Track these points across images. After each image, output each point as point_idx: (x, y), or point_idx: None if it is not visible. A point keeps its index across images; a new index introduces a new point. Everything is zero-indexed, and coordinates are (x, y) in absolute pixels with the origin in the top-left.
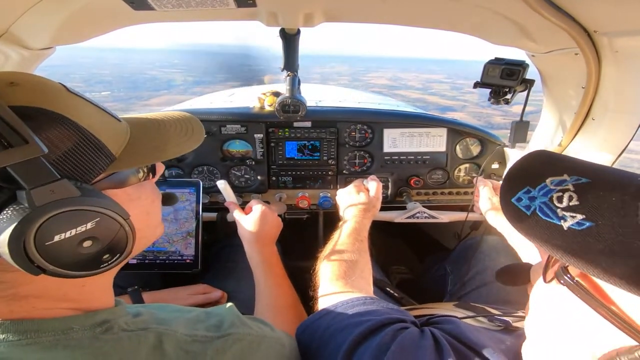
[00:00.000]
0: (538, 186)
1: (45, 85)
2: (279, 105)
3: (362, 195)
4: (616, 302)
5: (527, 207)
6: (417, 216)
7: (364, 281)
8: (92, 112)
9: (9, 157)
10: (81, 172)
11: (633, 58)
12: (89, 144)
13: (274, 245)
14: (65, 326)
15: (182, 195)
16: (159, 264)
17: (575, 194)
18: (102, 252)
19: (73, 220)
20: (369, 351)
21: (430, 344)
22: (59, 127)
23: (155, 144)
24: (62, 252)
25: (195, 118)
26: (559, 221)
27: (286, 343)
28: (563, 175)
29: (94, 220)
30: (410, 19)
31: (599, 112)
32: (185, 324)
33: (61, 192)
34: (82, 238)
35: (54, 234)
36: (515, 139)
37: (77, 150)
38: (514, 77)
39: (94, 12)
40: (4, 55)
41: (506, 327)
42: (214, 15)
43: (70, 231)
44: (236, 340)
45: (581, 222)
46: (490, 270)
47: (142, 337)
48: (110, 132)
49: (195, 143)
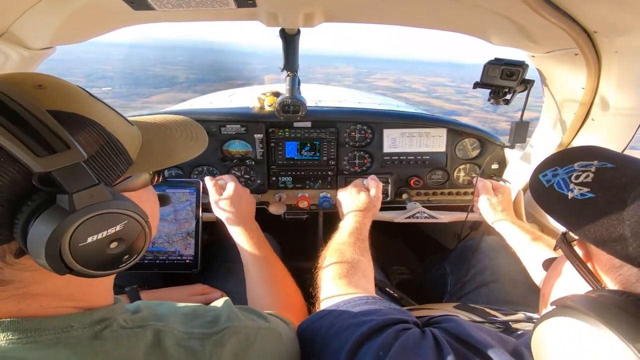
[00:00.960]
0: (565, 167)
1: (71, 89)
2: (279, 106)
3: (363, 195)
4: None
5: (548, 181)
6: (417, 216)
7: (366, 280)
8: (113, 116)
9: (53, 163)
10: (105, 175)
11: (633, 58)
12: (113, 147)
13: (254, 221)
14: (64, 324)
15: (182, 195)
16: (158, 264)
17: (593, 174)
18: (125, 252)
19: (106, 223)
20: (371, 351)
21: (431, 344)
22: (89, 131)
23: (165, 148)
24: (91, 253)
25: (197, 123)
26: (567, 192)
27: (282, 332)
28: (593, 160)
29: (122, 223)
30: (410, 19)
31: (599, 112)
32: (183, 320)
33: (98, 196)
34: (111, 239)
35: (87, 235)
36: (515, 140)
37: (103, 153)
38: (514, 77)
39: (94, 12)
40: (4, 55)
41: (506, 328)
42: (214, 15)
43: (102, 233)
44: (232, 334)
45: (584, 194)
46: (490, 270)
47: (141, 334)
48: (128, 137)
49: (201, 148)
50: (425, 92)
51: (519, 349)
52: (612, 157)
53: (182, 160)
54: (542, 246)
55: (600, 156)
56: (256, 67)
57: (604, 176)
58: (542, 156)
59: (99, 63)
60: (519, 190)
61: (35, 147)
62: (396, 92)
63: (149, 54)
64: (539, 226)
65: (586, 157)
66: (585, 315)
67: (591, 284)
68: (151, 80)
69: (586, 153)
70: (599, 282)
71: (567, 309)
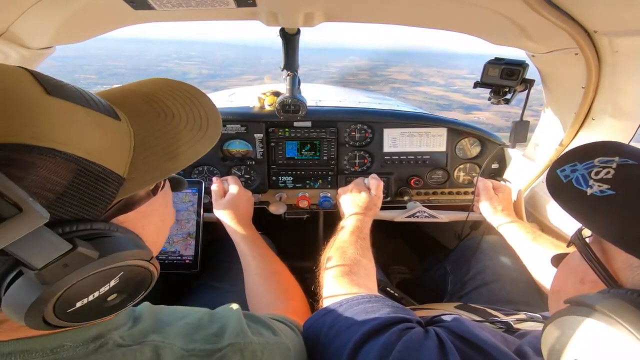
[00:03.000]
0: (585, 162)
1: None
2: (279, 105)
3: (364, 194)
4: (610, 260)
5: (566, 177)
6: (417, 215)
7: (369, 279)
8: (85, 122)
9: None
10: (88, 210)
11: (633, 58)
12: (91, 175)
13: (250, 223)
14: (55, 344)
15: (184, 196)
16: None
17: (614, 170)
18: (127, 299)
19: (95, 283)
20: (374, 350)
21: (434, 344)
22: (47, 166)
23: (164, 149)
24: (86, 312)
25: (204, 95)
26: (585, 188)
27: (291, 346)
28: (614, 157)
29: (117, 277)
30: (410, 19)
31: (599, 112)
32: (185, 332)
33: (78, 261)
34: (106, 296)
35: (75, 301)
36: (515, 139)
37: (77, 187)
38: (514, 77)
39: (94, 11)
40: (4, 54)
41: (508, 329)
42: (214, 15)
43: (92, 294)
44: (236, 352)
45: (604, 191)
46: (491, 269)
47: (138, 352)
48: (115, 148)
49: (212, 141)
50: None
51: (522, 349)
52: (635, 153)
53: (189, 163)
54: (543, 245)
55: (622, 152)
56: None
57: (625, 173)
58: (543, 156)
59: (111, 59)
60: (520, 189)
61: None
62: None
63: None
64: (539, 226)
65: (607, 153)
66: (601, 315)
67: (606, 282)
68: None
69: (607, 148)
70: (615, 280)
71: (583, 308)
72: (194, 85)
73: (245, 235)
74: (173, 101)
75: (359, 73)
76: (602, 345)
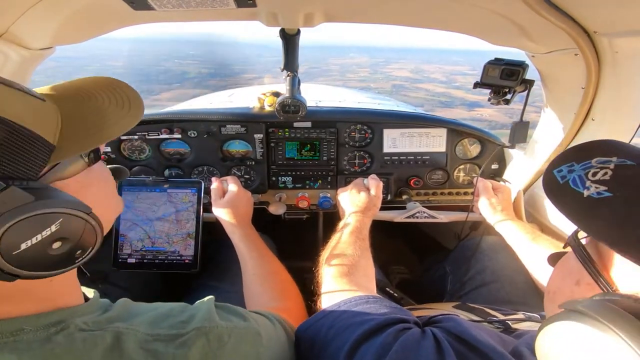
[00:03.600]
0: (582, 162)
1: None
2: (279, 106)
3: (363, 195)
4: (606, 264)
5: (563, 177)
6: (417, 216)
7: (367, 279)
8: (13, 97)
9: None
10: (23, 170)
11: (633, 58)
12: (19, 136)
13: (249, 223)
14: (14, 327)
15: (184, 196)
16: (157, 263)
17: (612, 171)
18: (74, 249)
19: (35, 226)
20: (371, 351)
21: (431, 344)
22: None
23: (91, 123)
24: (33, 257)
25: (124, 83)
26: (582, 190)
27: (262, 332)
28: (612, 157)
29: (57, 222)
30: (410, 19)
31: (599, 112)
32: (152, 320)
33: (13, 200)
34: (49, 241)
35: (19, 242)
36: (515, 139)
37: (9, 147)
38: (514, 77)
39: (94, 12)
40: (4, 55)
41: (506, 328)
42: (214, 15)
43: (35, 237)
44: (201, 335)
45: (601, 192)
46: (490, 270)
47: (99, 337)
48: (39, 118)
49: (136, 118)
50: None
51: (518, 349)
52: (632, 152)
53: (116, 135)
54: (543, 246)
55: (620, 152)
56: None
57: (622, 174)
58: (543, 156)
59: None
60: (519, 190)
61: None
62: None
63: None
64: (539, 226)
65: (605, 153)
66: (595, 321)
67: (602, 286)
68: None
69: (605, 148)
70: (610, 285)
71: (577, 313)
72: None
73: (243, 234)
74: (98, 90)
75: (360, 70)
76: (596, 353)
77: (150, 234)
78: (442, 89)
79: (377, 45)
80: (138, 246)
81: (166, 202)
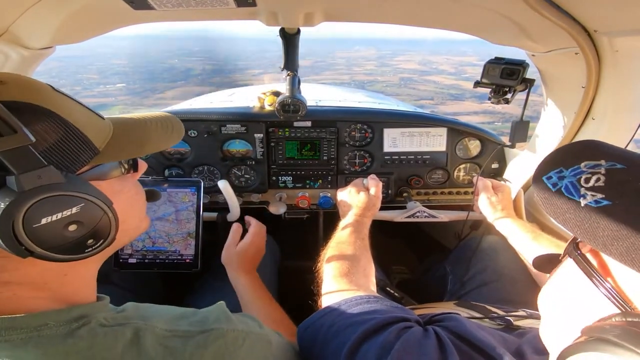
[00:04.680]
0: (571, 168)
1: (32, 83)
2: (279, 105)
3: (362, 195)
4: (615, 277)
5: (554, 185)
6: (417, 215)
7: (367, 279)
8: (78, 109)
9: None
10: (67, 163)
11: (633, 58)
12: (74, 137)
13: (255, 271)
14: (39, 322)
15: (184, 196)
16: (158, 263)
17: (604, 176)
18: (87, 236)
19: (59, 205)
20: (372, 349)
21: (433, 342)
22: (46, 121)
23: (136, 140)
24: (49, 235)
25: (175, 117)
26: (578, 198)
27: (273, 340)
28: (600, 160)
29: (78, 206)
30: (410, 19)
31: (599, 112)
32: (169, 319)
33: (48, 178)
34: (67, 222)
35: (41, 216)
36: (515, 139)
37: (63, 142)
38: (514, 76)
39: (94, 12)
40: (4, 55)
41: (507, 326)
42: (214, 15)
43: (56, 214)
44: (219, 336)
45: (599, 201)
46: (491, 269)
47: (119, 332)
48: (94, 128)
49: (175, 140)
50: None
51: (521, 348)
52: (620, 155)
53: (154, 150)
54: (544, 245)
55: (607, 154)
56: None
57: (616, 179)
58: (543, 155)
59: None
60: (519, 189)
61: None
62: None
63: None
64: (539, 225)
65: (592, 156)
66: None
67: (619, 306)
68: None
69: (591, 150)
70: (627, 303)
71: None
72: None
73: (248, 280)
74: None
75: (366, 63)
76: None
77: (151, 233)
78: (451, 81)
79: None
80: (139, 246)
81: (166, 202)
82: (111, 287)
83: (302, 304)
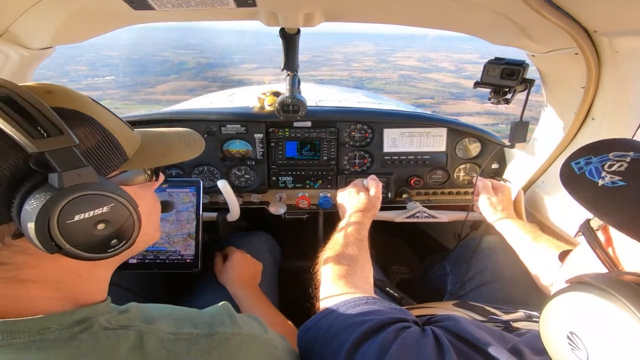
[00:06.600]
0: (600, 156)
1: (75, 94)
2: (279, 105)
3: (362, 195)
4: (615, 249)
5: (580, 169)
6: (417, 216)
7: (365, 280)
8: (112, 118)
9: (46, 144)
10: (100, 166)
11: (633, 58)
12: (109, 143)
13: (256, 286)
14: (41, 326)
15: (185, 196)
16: (158, 263)
17: (628, 164)
18: (112, 236)
19: (92, 203)
20: (371, 350)
21: (431, 342)
22: (87, 126)
23: (160, 150)
24: (79, 232)
25: (197, 133)
26: (597, 179)
27: (278, 345)
28: (630, 152)
29: (109, 205)
30: (410, 19)
31: (599, 112)
32: (173, 322)
33: (86, 177)
34: (97, 220)
35: (75, 213)
36: (515, 139)
37: (99, 147)
38: (514, 77)
39: (94, 12)
40: (4, 55)
41: (506, 327)
42: (214, 15)
43: (89, 212)
44: (224, 340)
45: (615, 182)
46: (490, 269)
47: (122, 335)
48: (126, 137)
49: (196, 152)
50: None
51: (518, 347)
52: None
53: (177, 161)
54: (544, 245)
55: (638, 148)
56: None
57: (638, 167)
58: (543, 156)
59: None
60: (519, 189)
61: (32, 131)
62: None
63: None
64: (539, 226)
65: (622, 148)
66: (601, 291)
67: (608, 266)
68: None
69: (623, 144)
70: (616, 264)
71: (583, 285)
72: (193, 130)
73: (247, 293)
74: (175, 133)
75: (365, 59)
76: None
77: None
78: (452, 79)
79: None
80: None
81: None
82: (111, 287)
83: (302, 304)
